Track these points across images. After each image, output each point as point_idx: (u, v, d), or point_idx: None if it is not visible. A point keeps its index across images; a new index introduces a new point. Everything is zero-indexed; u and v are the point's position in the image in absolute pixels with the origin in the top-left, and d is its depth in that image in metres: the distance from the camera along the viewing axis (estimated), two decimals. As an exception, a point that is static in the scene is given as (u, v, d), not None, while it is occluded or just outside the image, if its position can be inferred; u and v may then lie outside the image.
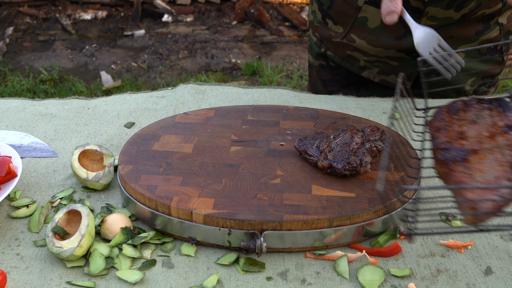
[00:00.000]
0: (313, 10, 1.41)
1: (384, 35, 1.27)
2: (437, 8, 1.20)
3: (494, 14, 1.25)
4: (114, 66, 3.95)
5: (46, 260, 0.83)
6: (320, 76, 1.48)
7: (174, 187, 0.89)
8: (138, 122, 1.19)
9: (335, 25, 1.34)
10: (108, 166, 0.98)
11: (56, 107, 1.25)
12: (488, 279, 0.80)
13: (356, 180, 0.91)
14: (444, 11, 1.20)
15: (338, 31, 1.34)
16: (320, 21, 1.38)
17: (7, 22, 4.68)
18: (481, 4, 1.21)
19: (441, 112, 0.80)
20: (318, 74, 1.48)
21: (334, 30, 1.35)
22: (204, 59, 4.06)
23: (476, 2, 1.19)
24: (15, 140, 1.12)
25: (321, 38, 1.40)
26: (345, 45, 1.34)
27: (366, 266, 0.81)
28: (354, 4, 1.27)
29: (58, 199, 0.95)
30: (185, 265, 0.82)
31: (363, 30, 1.29)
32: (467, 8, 1.20)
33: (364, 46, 1.31)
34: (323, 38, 1.39)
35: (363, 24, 1.28)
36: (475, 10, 1.21)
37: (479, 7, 1.21)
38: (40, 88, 3.52)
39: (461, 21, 1.23)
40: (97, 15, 4.85)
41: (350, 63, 1.37)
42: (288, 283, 0.79)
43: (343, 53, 1.36)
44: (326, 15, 1.35)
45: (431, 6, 1.19)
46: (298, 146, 0.97)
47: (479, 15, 1.23)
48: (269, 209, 0.84)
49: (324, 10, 1.35)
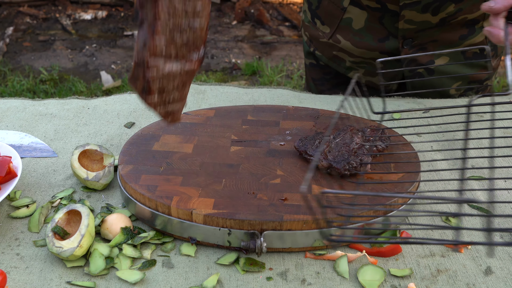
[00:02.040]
0: (304, 9, 1.42)
1: (368, 36, 1.28)
2: (413, 12, 1.19)
3: (478, 19, 1.23)
4: (114, 66, 3.95)
5: (46, 260, 0.83)
6: (311, 75, 1.49)
7: (174, 187, 0.89)
8: (138, 122, 1.19)
9: (323, 25, 1.35)
10: (108, 166, 0.98)
11: (56, 107, 1.25)
12: (488, 279, 0.80)
13: (356, 180, 0.91)
14: (420, 15, 1.19)
15: (325, 31, 1.34)
16: (309, 20, 1.39)
17: (7, 22, 4.68)
18: (461, 10, 1.19)
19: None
20: (310, 73, 1.49)
21: (321, 30, 1.35)
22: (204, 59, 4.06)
23: (455, 8, 1.18)
24: (15, 140, 1.12)
25: (310, 37, 1.41)
26: (332, 46, 1.35)
27: (366, 266, 0.81)
28: (340, 5, 1.28)
29: (58, 199, 0.95)
30: (185, 265, 0.82)
31: (348, 31, 1.30)
32: (444, 12, 1.19)
33: (349, 47, 1.31)
34: (312, 38, 1.40)
35: (348, 25, 1.29)
36: (455, 15, 1.20)
37: (459, 12, 1.20)
38: (40, 88, 3.52)
39: (441, 25, 1.22)
40: (97, 15, 4.85)
41: (336, 63, 1.38)
42: (288, 283, 0.79)
43: (329, 53, 1.37)
44: (315, 15, 1.36)
45: (407, 10, 1.19)
46: (298, 146, 0.97)
47: (460, 20, 1.21)
48: (269, 209, 0.84)
49: (313, 10, 1.36)
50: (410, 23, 1.22)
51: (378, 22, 1.26)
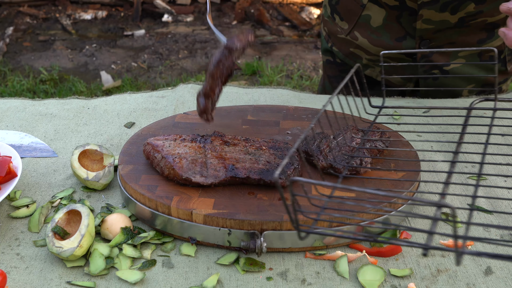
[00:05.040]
0: (324, 4, 1.42)
1: (385, 35, 1.27)
2: (431, 11, 1.19)
3: (498, 23, 1.22)
4: (114, 66, 3.95)
5: (46, 260, 0.83)
6: (327, 72, 1.48)
7: (174, 187, 0.89)
8: (138, 122, 1.19)
9: (341, 21, 1.34)
10: (108, 166, 0.98)
11: (56, 107, 1.25)
12: (488, 279, 0.80)
13: (356, 180, 0.91)
14: (439, 14, 1.19)
15: (343, 27, 1.34)
16: (329, 15, 1.39)
17: (7, 22, 4.68)
18: (482, 12, 1.18)
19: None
20: (325, 70, 1.49)
21: (340, 26, 1.35)
22: (204, 59, 4.06)
23: (475, 8, 1.17)
24: (15, 140, 1.12)
25: (328, 32, 1.41)
26: (349, 42, 1.34)
27: (366, 266, 0.81)
28: (359, 1, 1.27)
29: (58, 199, 0.95)
30: (185, 265, 0.82)
31: (367, 28, 1.29)
32: (463, 12, 1.18)
33: (366, 45, 1.31)
34: (330, 33, 1.40)
35: (367, 22, 1.28)
36: (475, 16, 1.19)
37: (480, 14, 1.19)
38: (40, 88, 3.52)
39: (460, 25, 1.21)
40: (97, 15, 4.85)
41: (353, 60, 1.37)
42: (288, 283, 0.79)
43: (346, 50, 1.37)
44: (334, 10, 1.36)
45: (425, 9, 1.19)
46: (298, 146, 0.97)
47: (479, 22, 1.21)
48: (269, 209, 0.84)
49: (333, 5, 1.36)
50: (428, 23, 1.21)
51: (396, 21, 1.25)
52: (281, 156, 0.91)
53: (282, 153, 0.92)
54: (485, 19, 1.20)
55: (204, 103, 0.99)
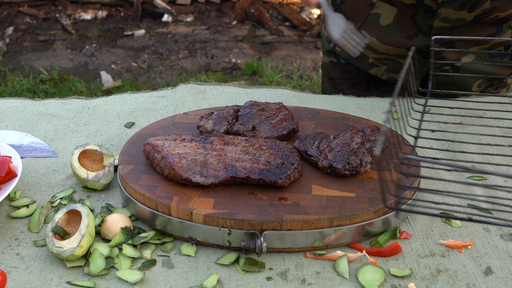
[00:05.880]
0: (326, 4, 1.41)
1: (396, 33, 1.27)
2: (450, 10, 1.19)
3: (508, 18, 1.24)
4: (114, 66, 3.95)
5: (46, 260, 0.83)
6: (330, 74, 1.48)
7: (174, 187, 0.89)
8: (138, 122, 1.19)
9: (347, 20, 1.34)
10: (108, 166, 0.98)
11: (56, 107, 1.25)
12: (488, 279, 0.80)
13: (356, 180, 0.91)
14: (457, 12, 1.20)
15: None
16: None
17: (7, 22, 4.68)
18: (495, 7, 1.19)
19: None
20: (328, 71, 1.48)
21: None
22: (204, 59, 4.06)
23: (491, 5, 1.18)
24: (15, 140, 1.12)
25: None
26: None
27: (366, 266, 0.81)
28: (368, 0, 1.27)
29: (58, 199, 0.95)
30: (185, 265, 0.82)
31: (375, 27, 1.29)
32: (480, 9, 1.19)
33: (374, 43, 1.31)
34: None
35: (375, 21, 1.28)
36: (489, 12, 1.20)
37: (494, 9, 1.20)
38: (40, 88, 3.52)
39: (473, 22, 1.22)
40: (97, 15, 4.85)
41: (358, 60, 1.37)
42: (288, 283, 0.79)
43: None
44: (338, 9, 1.35)
45: (444, 8, 1.19)
46: (298, 146, 0.97)
47: (492, 17, 1.22)
48: (269, 209, 0.84)
49: (337, 4, 1.35)
50: (445, 21, 1.22)
51: (410, 19, 1.25)
52: (281, 156, 0.91)
53: (282, 153, 0.92)
54: (497, 14, 1.22)
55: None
